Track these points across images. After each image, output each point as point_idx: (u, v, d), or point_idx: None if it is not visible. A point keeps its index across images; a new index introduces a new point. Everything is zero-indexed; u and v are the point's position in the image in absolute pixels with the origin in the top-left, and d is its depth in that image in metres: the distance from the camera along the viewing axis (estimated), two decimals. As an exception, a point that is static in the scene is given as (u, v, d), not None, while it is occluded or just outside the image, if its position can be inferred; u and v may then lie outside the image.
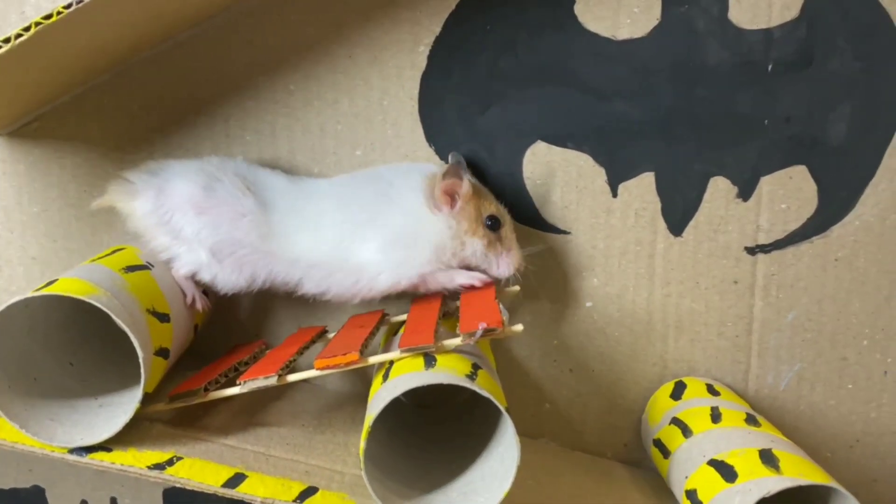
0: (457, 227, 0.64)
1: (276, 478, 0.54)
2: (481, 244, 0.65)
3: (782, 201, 0.72)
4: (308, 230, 0.64)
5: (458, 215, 0.64)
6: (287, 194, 0.65)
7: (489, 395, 0.52)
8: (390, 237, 0.63)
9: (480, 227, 0.65)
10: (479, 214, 0.65)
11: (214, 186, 0.63)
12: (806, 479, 0.54)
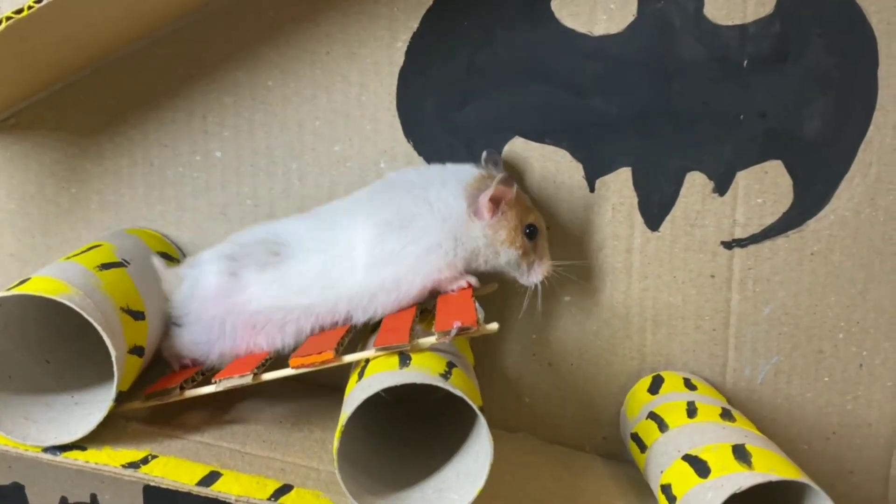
0: (493, 237, 0.64)
1: (251, 475, 0.54)
2: (517, 254, 0.64)
3: (758, 196, 0.73)
4: (340, 263, 0.62)
5: (496, 224, 0.64)
6: (310, 236, 0.63)
7: (462, 394, 0.52)
8: (425, 246, 0.62)
9: (520, 236, 0.64)
10: (519, 223, 0.64)
11: (238, 271, 0.62)
12: (778, 475, 0.55)
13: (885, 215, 0.74)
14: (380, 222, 0.62)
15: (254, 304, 0.61)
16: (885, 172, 0.73)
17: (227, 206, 0.71)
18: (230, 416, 0.63)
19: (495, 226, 0.64)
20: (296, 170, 0.71)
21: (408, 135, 0.71)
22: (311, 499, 0.54)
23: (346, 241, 0.62)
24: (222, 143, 0.71)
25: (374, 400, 0.72)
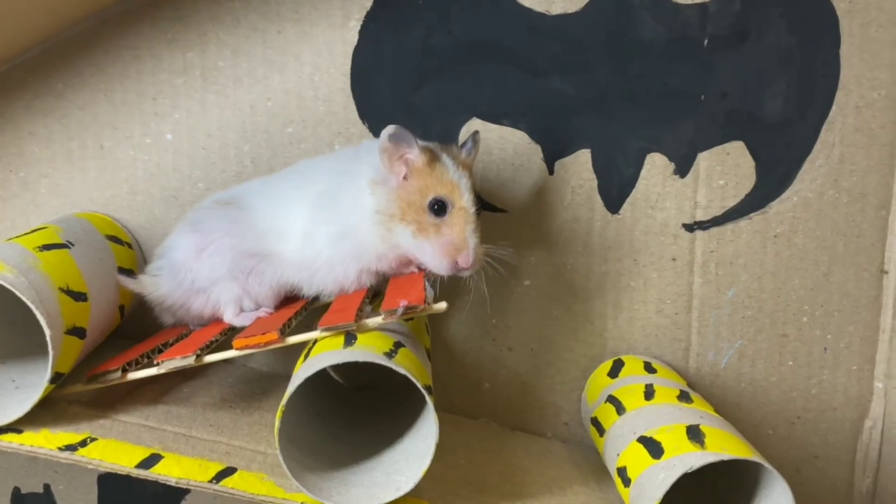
0: (385, 208, 0.57)
1: (193, 458, 0.53)
2: (408, 231, 0.56)
3: (720, 177, 0.72)
4: (283, 228, 0.61)
5: (395, 193, 0.57)
6: (262, 192, 0.63)
7: (406, 372, 0.51)
8: (336, 228, 0.59)
9: (414, 210, 0.56)
10: (419, 195, 0.56)
11: (199, 222, 0.62)
12: (729, 454, 0.54)
13: (848, 197, 0.73)
14: (314, 198, 0.61)
15: (225, 247, 0.61)
16: (849, 153, 0.72)
17: (179, 190, 0.70)
18: (178, 401, 0.61)
19: (392, 195, 0.57)
20: (248, 152, 0.70)
21: (363, 116, 0.70)
22: (254, 481, 0.53)
23: (284, 210, 0.61)
24: (173, 126, 0.70)
25: (332, 386, 0.71)
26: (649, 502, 0.54)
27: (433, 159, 0.58)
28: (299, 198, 0.61)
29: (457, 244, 0.56)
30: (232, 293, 0.62)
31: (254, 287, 0.62)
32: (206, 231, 0.62)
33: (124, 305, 0.65)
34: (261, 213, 0.62)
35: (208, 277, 0.62)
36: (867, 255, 0.75)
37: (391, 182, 0.58)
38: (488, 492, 0.60)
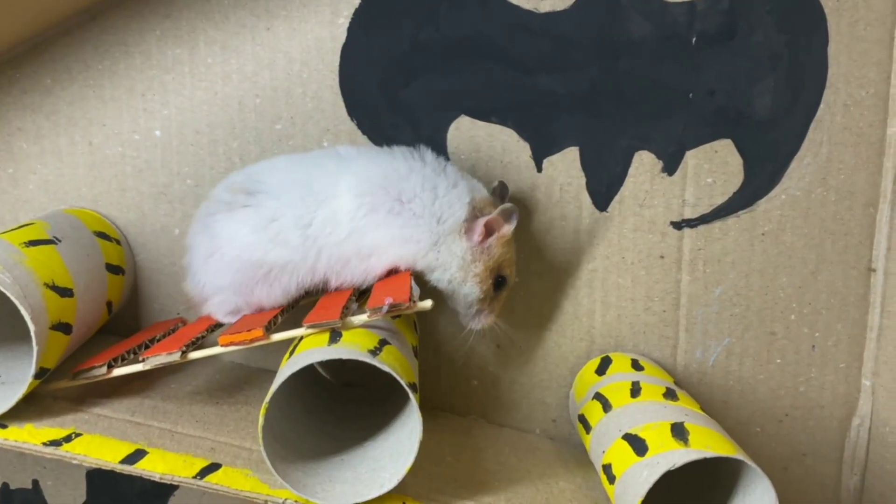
0: (469, 263, 0.61)
1: (178, 454, 0.53)
2: (478, 294, 0.62)
3: (708, 175, 0.72)
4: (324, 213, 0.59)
5: (479, 253, 0.61)
6: (290, 176, 0.60)
7: (390, 369, 0.51)
8: (410, 236, 0.59)
9: (490, 279, 0.62)
10: (496, 267, 0.62)
11: (211, 217, 0.60)
12: (712, 452, 0.54)
13: (836, 195, 0.73)
14: (376, 186, 0.59)
15: (231, 250, 0.59)
16: (836, 152, 0.72)
17: (168, 187, 0.70)
18: (164, 396, 0.62)
19: (477, 254, 0.61)
20: (237, 149, 0.70)
21: (351, 113, 0.70)
22: (238, 477, 0.53)
23: (331, 190, 0.59)
24: (162, 122, 0.70)
25: (320, 382, 0.71)
26: (633, 499, 0.54)
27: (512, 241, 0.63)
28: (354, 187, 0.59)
29: (493, 319, 0.64)
30: (230, 305, 0.61)
31: (261, 296, 0.61)
32: (214, 234, 0.60)
33: (112, 302, 0.65)
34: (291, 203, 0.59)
35: (212, 284, 0.61)
36: (855, 253, 0.75)
37: (475, 236, 0.61)
38: (474, 488, 0.60)
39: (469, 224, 0.61)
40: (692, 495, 0.65)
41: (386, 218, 0.59)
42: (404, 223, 0.59)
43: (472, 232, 0.61)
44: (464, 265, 0.61)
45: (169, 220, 0.70)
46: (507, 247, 0.62)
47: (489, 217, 0.60)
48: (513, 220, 0.61)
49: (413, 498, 0.56)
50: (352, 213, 0.58)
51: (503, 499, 0.60)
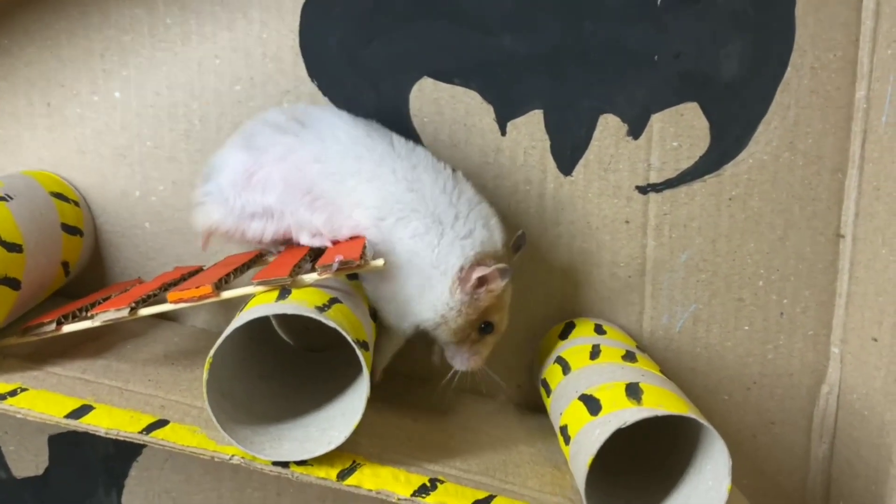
0: (456, 309, 0.60)
1: (125, 410, 0.53)
2: (454, 339, 0.62)
3: (674, 139, 0.71)
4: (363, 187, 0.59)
5: (465, 301, 0.60)
6: (346, 132, 0.60)
7: (336, 325, 0.50)
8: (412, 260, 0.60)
9: (472, 327, 0.62)
10: (479, 318, 0.61)
11: (254, 137, 0.60)
12: (664, 410, 0.54)
13: (804, 159, 0.73)
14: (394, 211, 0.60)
15: (278, 169, 0.59)
16: (804, 115, 0.72)
17: (128, 149, 0.69)
18: (118, 357, 0.61)
19: (465, 302, 0.60)
20: (196, 110, 0.69)
21: (312, 74, 0.69)
22: (185, 433, 0.52)
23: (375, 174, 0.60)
24: (122, 83, 0.69)
25: (285, 349, 0.71)
26: (585, 458, 0.54)
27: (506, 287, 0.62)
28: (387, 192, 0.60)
29: (481, 359, 0.64)
30: (271, 231, 0.61)
31: (303, 218, 0.60)
32: (259, 150, 0.59)
33: (68, 262, 0.64)
34: (336, 152, 0.59)
35: (261, 203, 0.60)
36: (823, 218, 0.74)
37: (465, 294, 0.60)
38: (430, 449, 0.60)
39: (466, 272, 0.60)
40: (654, 461, 0.65)
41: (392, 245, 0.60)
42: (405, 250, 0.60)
43: (465, 281, 0.60)
44: (448, 310, 0.60)
45: (129, 183, 0.70)
46: (494, 301, 0.62)
47: (482, 271, 0.59)
48: (505, 276, 0.60)
49: (365, 457, 0.56)
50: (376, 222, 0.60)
51: (459, 459, 0.60)
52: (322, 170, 0.59)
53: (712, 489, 0.56)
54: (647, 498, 0.61)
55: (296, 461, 0.52)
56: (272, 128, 0.60)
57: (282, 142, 0.59)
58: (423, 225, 0.59)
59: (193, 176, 0.69)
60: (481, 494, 0.56)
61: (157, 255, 0.71)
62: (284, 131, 0.60)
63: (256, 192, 0.59)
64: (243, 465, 0.52)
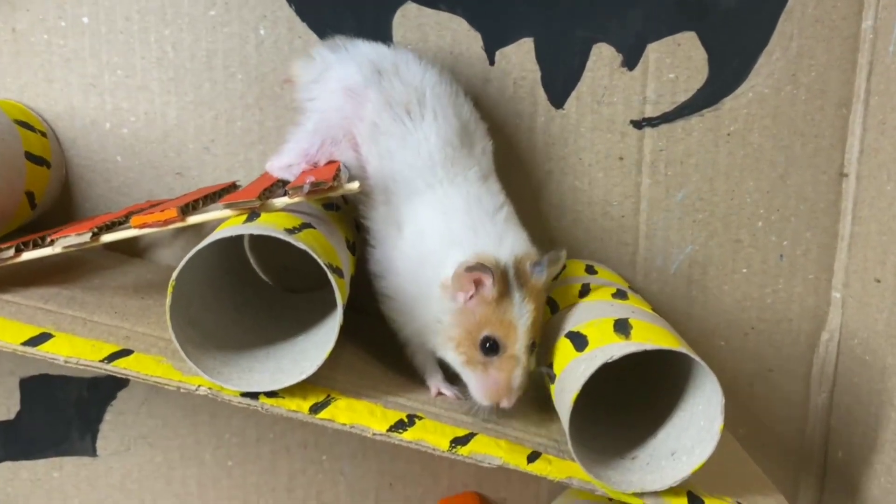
0: (446, 324, 0.53)
1: (87, 339, 0.50)
2: (458, 359, 0.53)
3: (670, 70, 0.68)
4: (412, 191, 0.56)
5: (457, 313, 0.53)
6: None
7: (306, 247, 0.48)
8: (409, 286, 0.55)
9: (469, 342, 0.52)
10: (476, 328, 0.52)
11: (373, 79, 0.56)
12: (653, 345, 0.51)
13: (806, 93, 0.69)
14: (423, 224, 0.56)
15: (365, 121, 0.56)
16: (807, 46, 0.68)
17: (97, 77, 0.66)
18: (85, 289, 0.58)
19: (457, 316, 0.53)
20: (169, 36, 0.66)
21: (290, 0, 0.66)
22: (149, 363, 0.50)
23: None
24: (90, 8, 0.66)
25: (264, 288, 0.68)
26: (570, 395, 0.51)
27: (503, 293, 0.52)
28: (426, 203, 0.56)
29: (501, 391, 0.53)
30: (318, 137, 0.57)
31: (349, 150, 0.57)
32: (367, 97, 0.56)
33: (34, 193, 0.62)
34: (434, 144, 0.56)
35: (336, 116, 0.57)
36: (826, 156, 0.71)
37: (459, 299, 0.53)
38: (411, 388, 0.58)
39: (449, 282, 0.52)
40: (645, 403, 0.62)
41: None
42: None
43: (454, 291, 0.53)
44: (442, 328, 0.54)
45: (99, 114, 0.66)
46: (496, 308, 0.52)
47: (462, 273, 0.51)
48: (486, 272, 0.51)
49: (341, 392, 0.53)
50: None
51: (439, 398, 0.58)
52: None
53: (704, 429, 0.53)
54: (636, 440, 0.58)
55: (266, 392, 0.50)
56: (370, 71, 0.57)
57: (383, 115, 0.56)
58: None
59: (166, 107, 0.66)
60: (461, 432, 0.53)
61: (130, 191, 0.68)
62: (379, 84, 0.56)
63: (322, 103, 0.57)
64: (210, 395, 0.50)
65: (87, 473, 0.71)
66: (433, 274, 0.54)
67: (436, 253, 0.54)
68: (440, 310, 0.54)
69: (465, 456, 0.52)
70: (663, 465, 0.54)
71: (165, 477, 0.71)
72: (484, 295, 0.52)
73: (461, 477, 0.74)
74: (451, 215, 0.55)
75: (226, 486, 0.72)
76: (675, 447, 0.55)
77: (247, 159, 0.67)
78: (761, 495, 0.59)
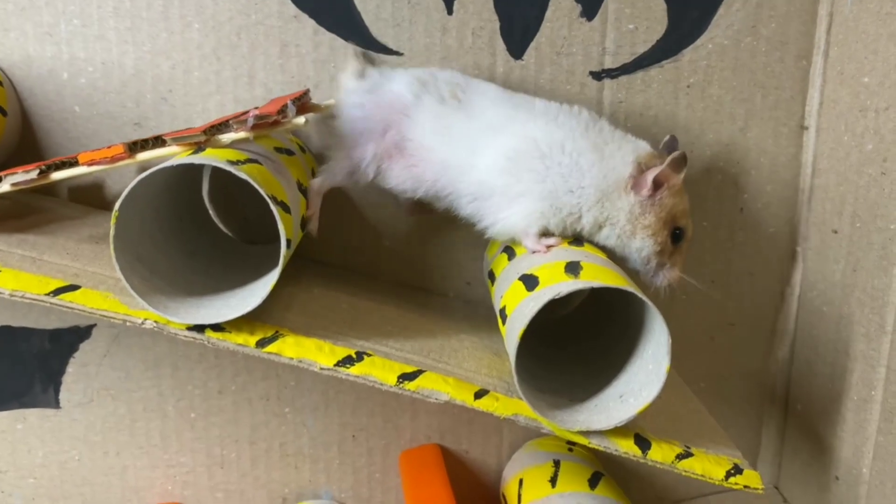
0: (638, 216, 0.58)
1: (35, 275, 0.51)
2: (652, 248, 0.59)
3: (630, 21, 0.68)
4: (492, 149, 0.59)
5: (648, 205, 0.58)
6: (493, 108, 0.60)
7: (248, 177, 0.48)
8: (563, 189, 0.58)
9: (664, 231, 0.59)
10: (670, 218, 0.59)
11: (421, 95, 0.60)
12: (599, 282, 0.51)
13: (767, 45, 0.69)
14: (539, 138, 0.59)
15: (413, 132, 0.60)
16: (767, -3, 0.68)
17: (54, 27, 0.66)
18: (39, 233, 0.58)
19: (646, 207, 0.58)
20: (137, -16, 0.66)
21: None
22: (96, 297, 0.50)
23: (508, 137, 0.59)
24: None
25: (224, 240, 0.68)
26: (517, 332, 0.52)
27: (683, 192, 0.60)
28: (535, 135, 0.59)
29: (679, 274, 0.61)
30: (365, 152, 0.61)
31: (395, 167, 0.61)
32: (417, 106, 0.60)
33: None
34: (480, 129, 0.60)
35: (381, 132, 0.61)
36: (786, 108, 0.71)
37: (643, 190, 0.58)
38: (363, 328, 0.58)
39: (636, 179, 0.58)
40: (600, 353, 0.63)
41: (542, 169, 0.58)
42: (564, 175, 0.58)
43: (640, 186, 0.58)
44: (632, 218, 0.58)
45: (56, 64, 0.66)
46: (679, 197, 0.59)
47: (658, 169, 0.57)
48: (681, 167, 0.58)
49: (290, 329, 0.53)
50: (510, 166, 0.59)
51: (393, 340, 0.58)
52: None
53: (652, 372, 0.53)
54: (588, 385, 0.59)
55: (212, 326, 0.50)
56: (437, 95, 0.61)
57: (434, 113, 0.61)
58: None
59: (123, 56, 0.66)
60: (409, 368, 0.54)
61: (89, 141, 0.68)
62: (443, 102, 0.61)
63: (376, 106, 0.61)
64: (156, 328, 0.50)
65: (51, 426, 0.71)
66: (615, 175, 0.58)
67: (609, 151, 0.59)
68: (630, 206, 0.58)
69: (412, 391, 0.52)
70: (611, 407, 0.55)
71: (129, 429, 0.72)
72: (674, 186, 0.58)
73: (424, 430, 0.74)
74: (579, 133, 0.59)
75: (189, 437, 0.72)
76: (624, 390, 0.55)
77: (204, 109, 0.67)
78: (712, 442, 0.60)
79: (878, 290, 0.62)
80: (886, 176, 0.60)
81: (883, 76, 0.61)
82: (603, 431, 0.54)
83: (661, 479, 0.77)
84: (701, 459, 0.56)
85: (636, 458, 0.54)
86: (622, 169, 0.58)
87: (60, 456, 0.71)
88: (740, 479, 0.56)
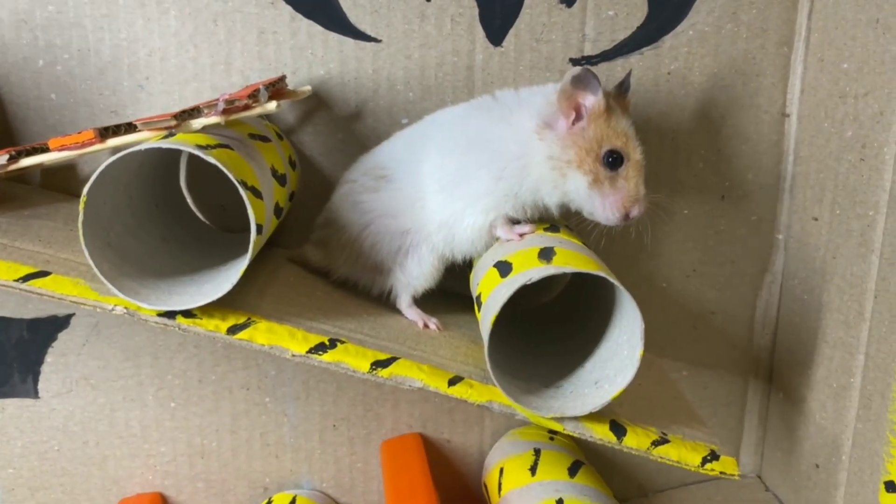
0: (559, 154, 0.55)
1: (6, 261, 0.50)
2: (584, 179, 0.55)
3: (609, 7, 0.68)
4: (427, 193, 0.60)
5: (568, 139, 0.55)
6: (407, 158, 0.61)
7: (217, 161, 0.47)
8: (491, 172, 0.57)
9: (588, 158, 0.54)
10: (596, 144, 0.54)
11: (359, 195, 0.62)
12: (571, 268, 0.51)
13: (748, 31, 0.69)
14: (463, 146, 0.58)
15: (378, 234, 0.61)
16: (748, -17, 0.68)
17: (29, 14, 0.65)
18: (12, 219, 0.58)
19: (565, 142, 0.55)
20: (105, -31, 0.65)
21: (223, -67, 0.65)
22: (66, 283, 0.50)
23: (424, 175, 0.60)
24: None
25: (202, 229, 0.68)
26: (490, 317, 0.52)
27: (609, 107, 0.55)
28: (446, 149, 0.59)
29: (631, 198, 0.55)
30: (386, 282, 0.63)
31: (413, 269, 0.61)
32: (365, 208, 0.61)
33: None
34: (411, 181, 0.60)
35: (369, 257, 0.61)
36: (767, 96, 0.71)
37: (560, 126, 0.55)
38: (339, 317, 0.58)
39: (544, 123, 0.56)
40: (579, 336, 0.62)
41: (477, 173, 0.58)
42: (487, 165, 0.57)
43: (552, 126, 0.56)
44: (555, 163, 0.55)
45: (32, 51, 0.66)
46: (606, 121, 0.55)
47: (563, 90, 0.54)
48: (588, 86, 0.54)
49: (263, 316, 0.53)
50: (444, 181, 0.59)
51: (369, 327, 0.58)
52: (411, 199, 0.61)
53: (626, 358, 0.53)
54: (564, 372, 0.58)
55: (183, 312, 0.50)
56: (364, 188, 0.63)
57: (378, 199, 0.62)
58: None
59: (99, 43, 0.66)
60: (383, 356, 0.53)
61: (66, 129, 0.67)
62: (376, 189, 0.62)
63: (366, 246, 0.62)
64: (127, 315, 0.49)
65: (30, 415, 0.71)
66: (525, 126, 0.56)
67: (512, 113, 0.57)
68: (548, 149, 0.55)
69: (385, 378, 0.52)
70: (586, 393, 0.55)
71: (108, 418, 0.71)
72: (595, 109, 0.54)
73: (405, 419, 0.74)
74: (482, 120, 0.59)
75: (169, 427, 0.72)
76: (599, 377, 0.55)
77: (182, 97, 0.67)
78: (689, 428, 0.60)
79: (857, 278, 0.61)
80: (865, 162, 0.60)
81: (861, 62, 0.61)
82: (578, 418, 0.54)
83: (643, 469, 0.77)
84: (677, 446, 0.55)
85: (611, 445, 0.54)
86: (528, 123, 0.56)
87: (40, 446, 0.71)
88: (716, 466, 0.55)
